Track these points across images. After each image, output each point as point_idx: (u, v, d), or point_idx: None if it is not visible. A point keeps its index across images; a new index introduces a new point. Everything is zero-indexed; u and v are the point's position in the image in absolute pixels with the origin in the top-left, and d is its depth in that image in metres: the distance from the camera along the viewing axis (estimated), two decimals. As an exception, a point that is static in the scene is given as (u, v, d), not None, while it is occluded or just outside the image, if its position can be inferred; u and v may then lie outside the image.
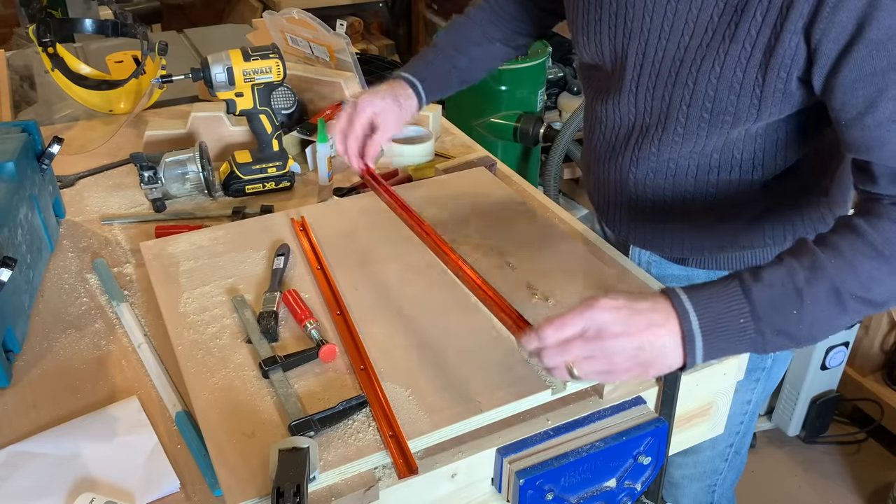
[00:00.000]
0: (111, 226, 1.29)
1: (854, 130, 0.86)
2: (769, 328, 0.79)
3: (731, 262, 1.14)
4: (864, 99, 0.83)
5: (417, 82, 1.22)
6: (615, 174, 1.12)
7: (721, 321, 0.79)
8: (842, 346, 2.11)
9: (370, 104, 1.16)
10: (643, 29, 0.99)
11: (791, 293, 0.79)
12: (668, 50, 0.98)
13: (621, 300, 0.78)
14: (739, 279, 0.80)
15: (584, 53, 1.11)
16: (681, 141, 1.02)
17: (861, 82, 0.83)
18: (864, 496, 2.12)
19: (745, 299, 0.79)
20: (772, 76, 0.90)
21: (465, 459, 0.84)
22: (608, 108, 1.09)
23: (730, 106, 0.95)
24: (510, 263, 1.11)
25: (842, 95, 0.85)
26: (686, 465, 1.31)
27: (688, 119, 0.99)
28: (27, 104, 1.77)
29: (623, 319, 0.77)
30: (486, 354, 0.93)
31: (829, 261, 0.80)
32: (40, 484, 0.83)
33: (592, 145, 1.16)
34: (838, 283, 0.79)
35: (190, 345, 0.96)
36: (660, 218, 1.12)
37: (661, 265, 1.20)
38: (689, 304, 0.79)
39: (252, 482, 0.77)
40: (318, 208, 1.27)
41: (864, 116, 0.84)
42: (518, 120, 2.58)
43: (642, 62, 1.01)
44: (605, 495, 0.90)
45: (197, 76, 1.30)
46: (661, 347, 0.78)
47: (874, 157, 0.85)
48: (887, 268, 0.81)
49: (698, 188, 1.06)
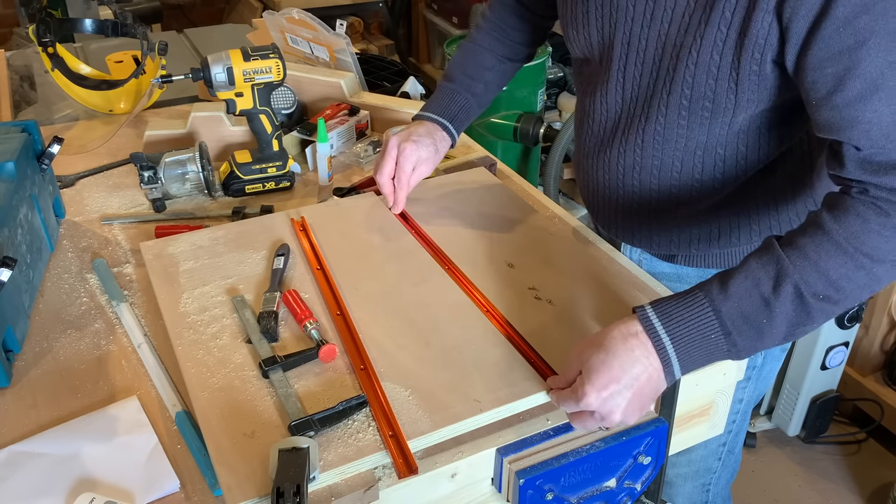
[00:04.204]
0: (111, 226, 1.29)
1: (824, 110, 0.85)
2: (741, 338, 0.82)
3: (720, 260, 1.14)
4: (833, 77, 0.82)
5: (448, 123, 1.25)
6: (603, 170, 1.13)
7: (694, 341, 0.82)
8: (842, 345, 2.11)
9: (415, 153, 1.19)
10: (627, 18, 1.00)
11: (759, 303, 0.81)
12: (650, 38, 0.98)
13: (602, 375, 0.81)
14: (708, 297, 0.83)
15: (574, 47, 1.12)
16: (662, 132, 1.02)
17: (829, 60, 0.82)
18: (864, 496, 2.12)
19: (716, 318, 0.82)
20: (746, 57, 0.90)
21: (465, 459, 0.84)
22: (596, 100, 1.10)
23: (708, 91, 0.95)
24: (510, 264, 1.11)
25: (812, 74, 0.84)
26: (679, 464, 1.31)
27: (668, 107, 1.00)
28: (27, 104, 1.77)
29: (618, 393, 0.81)
30: (486, 354, 0.93)
31: (794, 264, 0.81)
32: (40, 484, 0.83)
33: (581, 140, 1.17)
34: (803, 287, 0.81)
35: (190, 345, 0.96)
36: (647, 214, 1.12)
37: (651, 262, 1.21)
38: (663, 329, 0.82)
39: (252, 482, 0.77)
40: (318, 208, 1.27)
41: (833, 95, 0.83)
42: (518, 120, 2.59)
43: (627, 51, 1.02)
44: (605, 495, 0.90)
45: (197, 76, 1.30)
46: (655, 385, 0.84)
47: (844, 138, 0.84)
48: (852, 264, 0.81)
49: (683, 185, 1.07)
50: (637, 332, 0.82)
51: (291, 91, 1.38)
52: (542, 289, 1.05)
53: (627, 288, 1.06)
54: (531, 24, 1.28)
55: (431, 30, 4.19)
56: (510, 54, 1.29)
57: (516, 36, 1.28)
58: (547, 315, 1.01)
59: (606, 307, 1.02)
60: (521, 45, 1.29)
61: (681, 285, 1.15)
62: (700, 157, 1.03)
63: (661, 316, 0.83)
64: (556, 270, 1.09)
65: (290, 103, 1.39)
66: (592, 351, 0.82)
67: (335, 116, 1.53)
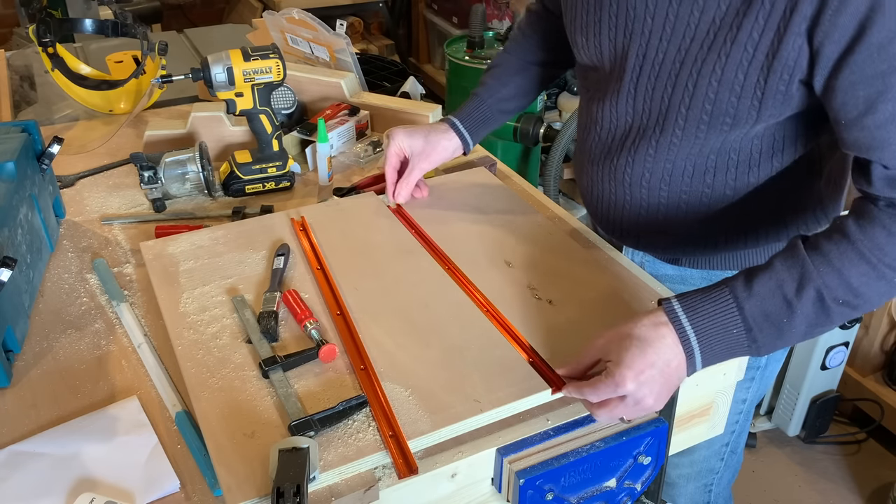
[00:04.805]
0: (111, 226, 1.29)
1: (854, 130, 0.87)
2: (761, 336, 0.85)
3: (725, 262, 1.14)
4: (865, 100, 0.84)
5: (457, 121, 1.27)
6: (609, 175, 1.12)
7: (717, 335, 0.85)
8: (842, 345, 2.11)
9: (396, 138, 1.23)
10: (644, 31, 0.99)
11: (781, 303, 0.84)
12: (668, 52, 0.98)
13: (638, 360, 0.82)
14: (733, 293, 0.85)
15: (582, 55, 1.11)
16: (679, 143, 1.02)
17: (862, 84, 0.83)
18: (864, 496, 2.12)
19: (739, 315, 0.85)
20: (774, 79, 0.91)
21: (465, 459, 0.84)
22: (605, 109, 1.09)
23: (730, 108, 0.95)
24: (510, 263, 1.11)
25: (842, 96, 0.86)
26: (682, 465, 1.31)
27: (686, 121, 1.00)
28: (27, 104, 1.77)
29: (652, 378, 0.83)
30: (486, 354, 0.93)
31: (818, 269, 0.84)
32: (40, 484, 0.83)
33: (587, 146, 1.16)
34: (824, 292, 0.84)
35: (190, 345, 0.96)
36: (654, 219, 1.12)
37: (654, 265, 1.20)
38: (688, 322, 0.85)
39: (252, 482, 0.77)
40: (318, 208, 1.27)
41: (864, 117, 0.85)
42: (518, 120, 2.59)
43: (642, 63, 1.01)
44: (605, 495, 0.90)
45: (197, 76, 1.29)
46: (681, 375, 0.86)
47: (875, 157, 0.86)
48: (874, 274, 0.84)
49: (694, 189, 1.06)
50: (665, 321, 0.85)
51: (291, 91, 1.38)
52: (542, 289, 1.05)
53: (627, 288, 1.06)
54: (560, 30, 1.25)
55: (431, 30, 4.19)
56: (538, 60, 1.30)
57: (543, 43, 1.29)
58: (547, 315, 1.00)
59: (606, 307, 1.02)
60: (550, 51, 1.29)
61: (684, 287, 1.15)
62: (713, 162, 1.03)
63: (686, 309, 0.85)
64: (556, 270, 1.09)
65: (290, 103, 1.39)
66: (623, 340, 0.84)
67: (335, 116, 1.53)
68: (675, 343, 0.84)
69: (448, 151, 1.25)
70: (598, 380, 0.84)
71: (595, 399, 0.84)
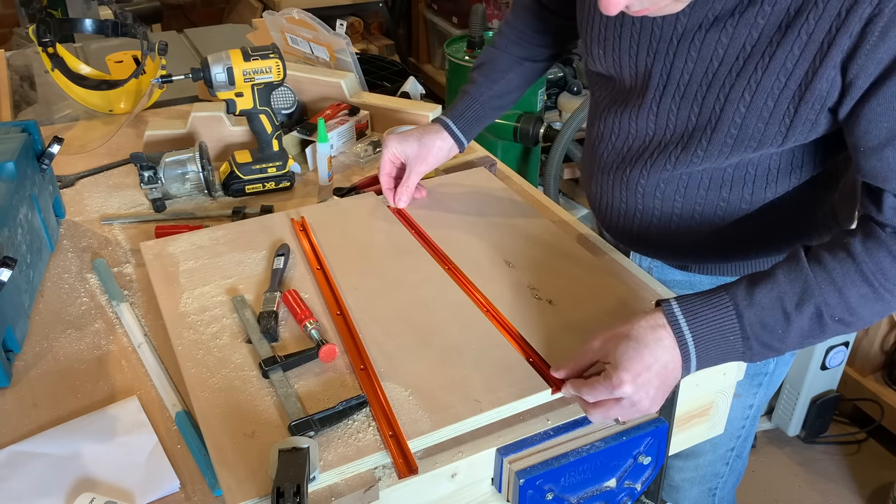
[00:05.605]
0: (111, 226, 1.29)
1: (872, 159, 0.86)
2: (756, 344, 0.86)
3: (734, 269, 1.14)
4: (888, 131, 0.84)
5: (450, 121, 1.26)
6: (621, 185, 1.11)
7: (714, 340, 0.85)
8: (842, 345, 2.11)
9: (390, 145, 1.23)
10: (668, 51, 0.98)
11: (780, 315, 0.85)
12: (695, 74, 0.97)
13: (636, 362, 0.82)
14: (733, 300, 0.85)
15: (597, 64, 1.10)
16: (699, 161, 1.02)
17: (886, 115, 0.84)
18: (864, 496, 2.12)
19: (738, 322, 0.85)
20: (805, 108, 0.90)
21: (465, 459, 0.84)
22: (623, 119, 1.08)
23: (756, 133, 0.95)
24: (510, 263, 1.11)
25: (865, 124, 0.86)
26: (687, 469, 1.31)
27: (710, 143, 0.99)
28: (27, 104, 1.77)
29: (649, 381, 0.83)
30: (486, 354, 0.93)
31: (820, 286, 0.84)
32: (40, 484, 0.83)
33: (599, 153, 1.15)
34: (824, 309, 0.85)
35: (190, 345, 0.96)
36: (665, 229, 1.11)
37: (662, 270, 1.20)
38: (687, 326, 0.85)
39: (252, 482, 0.77)
40: (318, 208, 1.27)
41: (885, 147, 0.85)
42: (518, 120, 2.59)
43: (666, 83, 1.00)
44: (605, 495, 0.90)
45: (197, 76, 1.29)
46: (676, 377, 0.86)
47: (889, 187, 0.86)
48: (874, 296, 0.85)
49: (709, 202, 1.06)
50: (663, 324, 0.85)
51: (291, 91, 1.38)
52: (542, 288, 1.05)
53: (627, 287, 1.06)
54: (552, 24, 1.26)
55: (431, 30, 4.19)
56: (528, 56, 1.29)
57: (536, 39, 1.28)
58: (547, 315, 1.00)
59: (606, 307, 1.02)
60: (541, 47, 1.28)
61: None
62: (730, 176, 1.03)
63: (685, 313, 0.85)
64: (556, 270, 1.09)
65: (290, 103, 1.39)
66: (621, 341, 0.84)
67: (335, 116, 1.53)
68: (672, 346, 0.84)
69: (443, 152, 1.25)
70: (596, 381, 0.83)
71: (591, 399, 0.84)
